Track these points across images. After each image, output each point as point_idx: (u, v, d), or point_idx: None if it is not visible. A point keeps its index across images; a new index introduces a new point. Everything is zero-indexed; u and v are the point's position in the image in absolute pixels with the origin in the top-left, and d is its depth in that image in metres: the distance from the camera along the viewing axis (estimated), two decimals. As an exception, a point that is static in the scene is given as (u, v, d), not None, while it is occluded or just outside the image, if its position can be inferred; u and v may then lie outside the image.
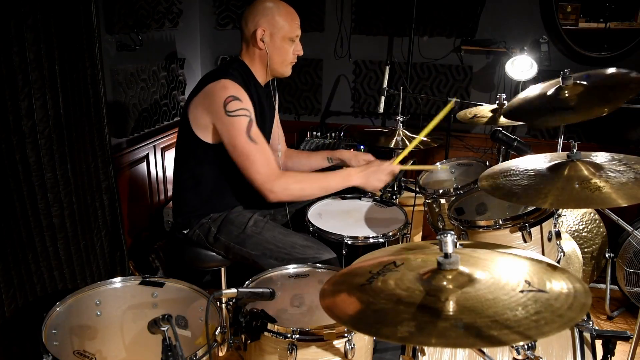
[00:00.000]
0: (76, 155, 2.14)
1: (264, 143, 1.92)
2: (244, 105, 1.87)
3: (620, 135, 3.08)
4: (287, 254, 1.90)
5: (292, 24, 1.97)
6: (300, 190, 1.95)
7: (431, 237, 2.84)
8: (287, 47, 1.98)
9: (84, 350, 1.53)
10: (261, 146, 1.89)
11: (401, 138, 2.52)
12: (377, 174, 2.01)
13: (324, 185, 1.98)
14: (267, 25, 1.93)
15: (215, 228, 2.01)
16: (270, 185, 1.88)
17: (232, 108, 1.85)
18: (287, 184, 1.90)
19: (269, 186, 1.88)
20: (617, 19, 2.96)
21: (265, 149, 1.91)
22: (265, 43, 1.94)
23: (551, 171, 1.48)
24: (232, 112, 1.85)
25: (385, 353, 2.03)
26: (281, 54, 1.98)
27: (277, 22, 1.93)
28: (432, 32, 3.24)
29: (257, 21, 1.93)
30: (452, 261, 1.02)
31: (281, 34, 1.95)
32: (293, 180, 1.93)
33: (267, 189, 1.88)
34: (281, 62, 2.00)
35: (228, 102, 1.84)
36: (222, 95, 1.85)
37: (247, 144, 1.86)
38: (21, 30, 1.80)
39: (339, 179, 2.00)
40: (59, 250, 2.06)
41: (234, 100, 1.85)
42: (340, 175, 2.01)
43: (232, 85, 1.88)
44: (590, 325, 1.40)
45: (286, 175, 1.93)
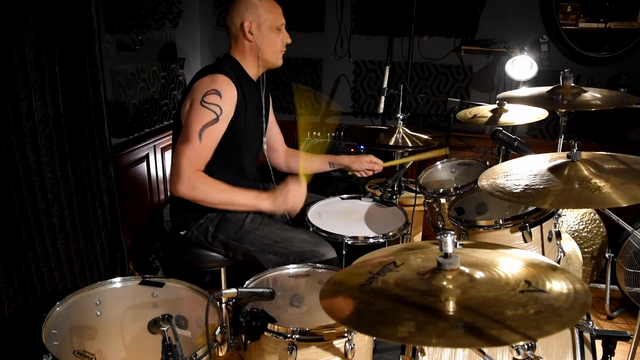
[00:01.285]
0: (76, 155, 2.14)
1: (208, 145, 1.89)
2: (221, 103, 1.89)
3: (620, 135, 3.08)
4: (285, 248, 1.90)
5: (275, 13, 2.01)
6: (204, 194, 1.88)
7: (431, 237, 2.84)
8: (274, 36, 2.02)
9: (84, 350, 1.53)
10: (203, 145, 1.87)
11: (401, 136, 2.52)
12: (284, 195, 1.93)
13: (230, 198, 1.92)
14: (252, 17, 1.97)
15: (213, 227, 2.02)
16: (180, 177, 1.84)
17: (208, 100, 1.87)
18: (195, 184, 1.86)
19: (177, 178, 1.84)
20: (617, 19, 2.96)
21: (204, 151, 1.88)
22: (254, 35, 1.99)
23: (551, 171, 1.48)
24: (205, 103, 1.87)
25: (385, 353, 2.03)
26: (270, 44, 2.02)
27: (261, 13, 1.98)
28: (432, 32, 3.24)
29: (242, 15, 1.97)
30: (452, 261, 1.02)
31: (267, 24, 1.99)
32: (202, 184, 1.87)
33: (175, 180, 1.85)
34: (272, 52, 2.04)
35: (209, 93, 1.87)
36: (207, 86, 1.89)
37: (193, 135, 1.85)
38: (21, 30, 1.80)
39: (248, 199, 1.93)
40: (59, 250, 2.06)
41: (215, 94, 1.88)
42: (250, 196, 1.94)
43: (224, 80, 1.91)
44: (590, 325, 1.40)
45: (198, 176, 1.88)
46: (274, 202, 1.93)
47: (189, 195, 1.87)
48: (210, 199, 1.90)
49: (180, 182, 1.85)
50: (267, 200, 1.94)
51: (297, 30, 3.38)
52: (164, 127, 3.06)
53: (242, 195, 1.93)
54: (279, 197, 1.93)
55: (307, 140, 3.28)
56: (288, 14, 2.06)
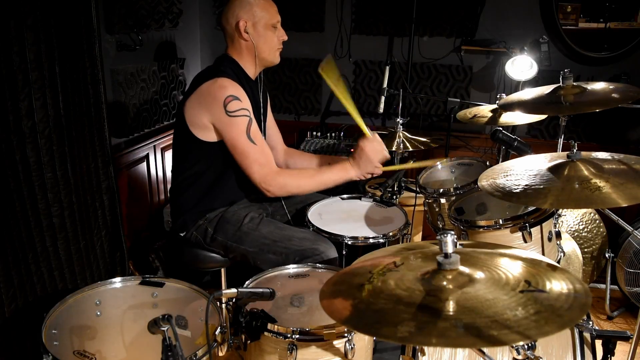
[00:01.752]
0: (76, 155, 2.14)
1: (262, 142, 1.98)
2: (243, 105, 1.92)
3: (620, 135, 3.08)
4: (285, 248, 1.90)
5: (270, 11, 2.03)
6: (298, 187, 2.00)
7: (431, 237, 2.84)
8: (270, 34, 2.03)
9: (84, 350, 1.53)
10: (260, 146, 1.95)
11: (401, 140, 2.52)
12: (365, 156, 2.02)
13: (321, 180, 2.03)
14: (247, 16, 1.98)
15: (212, 229, 2.02)
16: (267, 184, 1.95)
17: (232, 108, 1.88)
18: (285, 181, 1.96)
19: (266, 185, 1.95)
20: (617, 19, 2.96)
21: (264, 148, 1.97)
22: (250, 34, 1.99)
23: (551, 171, 1.48)
24: (232, 112, 1.89)
25: (385, 353, 2.03)
26: (267, 42, 2.03)
27: (256, 12, 1.99)
28: (432, 32, 3.24)
29: (237, 14, 1.99)
30: (452, 261, 1.02)
31: (262, 22, 2.00)
32: (290, 178, 1.99)
33: (265, 187, 1.95)
34: (268, 49, 2.05)
35: (228, 102, 1.88)
36: (221, 95, 1.89)
37: (247, 144, 1.92)
38: (21, 30, 1.80)
39: (336, 172, 2.04)
40: (59, 250, 2.06)
41: (234, 100, 1.89)
42: (337, 169, 2.04)
43: (230, 84, 1.92)
44: (590, 325, 1.40)
45: (283, 174, 2.00)
46: (359, 167, 2.03)
47: (285, 194, 2.00)
48: (303, 188, 2.01)
49: (270, 190, 1.95)
50: (353, 169, 2.04)
51: (297, 30, 3.37)
52: (164, 127, 3.06)
53: (330, 173, 2.03)
54: (362, 160, 2.02)
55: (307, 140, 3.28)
56: (288, 14, 2.07)
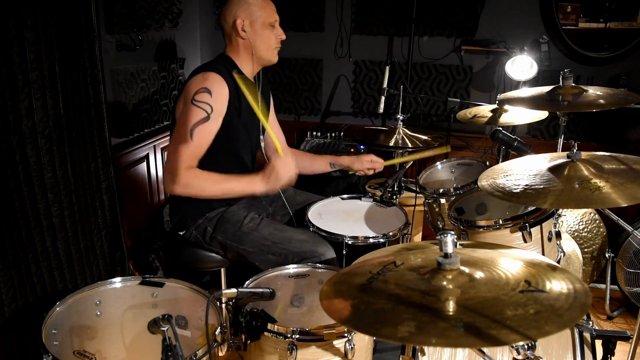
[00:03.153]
0: (76, 155, 2.13)
1: (200, 143, 1.90)
2: (211, 101, 1.89)
3: (620, 135, 3.08)
4: (284, 249, 1.90)
5: (268, 10, 2.02)
6: (200, 190, 1.90)
7: (431, 237, 2.84)
8: (268, 32, 2.02)
9: (84, 350, 1.53)
10: (194, 144, 1.87)
11: (401, 136, 2.52)
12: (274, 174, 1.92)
13: (225, 188, 1.93)
14: (244, 15, 1.98)
15: (212, 228, 2.02)
16: (172, 177, 1.86)
17: (199, 98, 1.88)
18: (187, 181, 1.86)
19: (170, 178, 1.86)
20: (617, 19, 2.96)
21: (196, 149, 1.89)
22: (247, 32, 1.99)
23: (551, 171, 1.48)
24: (196, 101, 1.88)
25: (385, 353, 2.03)
26: (264, 41, 2.02)
27: (253, 10, 1.98)
28: (432, 32, 3.24)
29: (235, 13, 1.98)
30: (452, 261, 1.02)
31: (260, 20, 1.99)
32: (195, 178, 1.89)
33: (168, 179, 1.87)
34: (266, 48, 2.04)
35: (199, 92, 1.88)
36: (198, 85, 1.89)
37: (184, 135, 1.86)
38: (21, 30, 1.80)
39: (243, 183, 1.94)
40: (59, 250, 2.06)
41: (205, 92, 1.89)
42: (245, 181, 1.94)
43: (215, 78, 1.91)
44: (590, 325, 1.40)
45: (191, 173, 1.89)
46: (267, 183, 1.92)
47: (184, 192, 1.88)
48: (206, 192, 1.91)
49: (173, 182, 1.86)
50: (260, 183, 1.93)
51: (297, 30, 3.37)
52: (164, 127, 3.06)
53: (236, 183, 1.93)
54: (271, 176, 1.91)
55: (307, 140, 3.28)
56: (288, 13, 2.06)
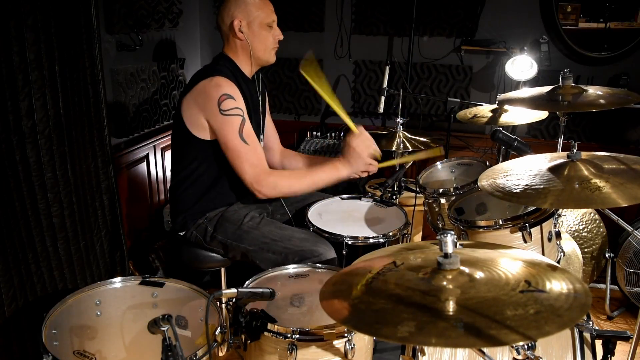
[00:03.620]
0: (76, 155, 2.13)
1: (255, 142, 1.96)
2: (237, 104, 1.91)
3: (620, 135, 3.08)
4: (285, 247, 1.90)
5: (266, 10, 2.01)
6: (288, 188, 1.98)
7: (431, 237, 2.84)
8: (265, 33, 2.02)
9: (84, 350, 1.53)
10: (252, 146, 1.93)
11: (401, 140, 2.51)
12: (354, 154, 2.01)
13: (313, 180, 2.00)
14: (242, 15, 1.98)
15: (212, 227, 2.02)
16: (258, 185, 1.93)
17: (226, 107, 1.89)
18: (275, 183, 1.95)
19: (257, 186, 1.93)
20: (617, 19, 2.96)
21: (256, 148, 1.96)
22: (244, 33, 1.99)
23: (551, 171, 1.48)
24: (225, 111, 1.89)
25: (385, 353, 2.03)
26: (262, 41, 2.03)
27: (251, 10, 1.98)
28: (432, 32, 3.24)
29: (232, 13, 1.98)
30: (452, 261, 1.02)
31: (257, 21, 1.99)
32: (281, 179, 1.97)
33: (256, 188, 1.93)
34: (263, 49, 2.04)
35: (222, 101, 1.88)
36: (216, 94, 1.89)
37: (239, 144, 1.90)
38: (21, 30, 1.80)
39: (328, 172, 2.01)
40: (59, 250, 2.06)
41: (228, 98, 1.89)
42: (328, 169, 2.02)
43: (226, 82, 1.92)
44: (590, 325, 1.40)
45: (274, 174, 1.98)
46: (350, 165, 2.00)
47: (276, 194, 1.97)
48: (295, 189, 1.99)
49: (262, 191, 1.93)
50: (344, 167, 2.01)
51: (297, 30, 3.37)
52: (164, 127, 3.06)
53: (321, 173, 2.00)
54: (352, 157, 2.00)
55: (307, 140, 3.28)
56: (288, 14, 2.06)
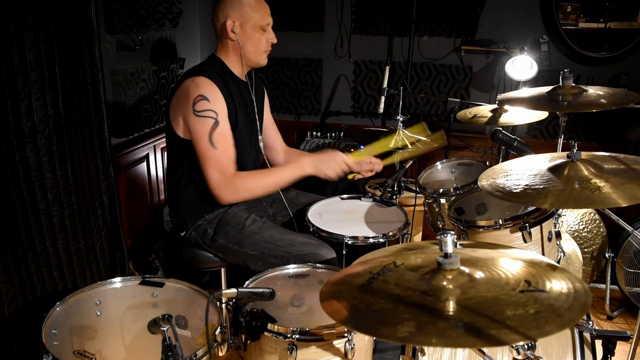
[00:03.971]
0: (76, 155, 2.13)
1: (225, 147, 1.92)
2: (212, 106, 1.89)
3: (620, 135, 3.08)
4: (287, 252, 1.90)
5: (261, 12, 1.99)
6: (249, 191, 1.95)
7: (431, 237, 2.84)
8: (258, 35, 2.00)
9: (84, 350, 1.53)
10: (220, 150, 1.90)
11: (401, 138, 2.51)
12: (328, 163, 2.01)
13: (275, 179, 1.99)
14: (236, 15, 1.96)
15: (212, 230, 2.01)
16: (220, 190, 1.91)
17: (199, 108, 1.87)
18: (236, 187, 1.92)
19: (218, 191, 1.91)
20: (617, 19, 2.96)
21: (225, 153, 1.91)
22: (237, 34, 1.97)
23: (551, 171, 1.48)
24: (199, 112, 1.87)
25: (385, 353, 2.03)
26: (254, 43, 2.00)
27: (245, 11, 1.96)
28: (432, 32, 3.24)
29: (226, 13, 1.96)
30: (452, 261, 1.02)
31: (251, 23, 1.97)
32: (242, 183, 1.93)
33: (217, 193, 1.92)
34: (254, 51, 2.02)
35: (197, 101, 1.87)
36: (193, 93, 1.88)
37: (206, 148, 1.88)
38: (21, 30, 1.80)
39: (292, 170, 2.01)
40: (59, 250, 2.06)
41: (203, 100, 1.87)
42: (293, 166, 2.02)
43: (205, 82, 1.90)
44: (590, 325, 1.40)
45: (235, 179, 1.92)
46: (317, 165, 2.00)
47: (237, 199, 1.95)
48: (258, 191, 1.97)
49: (222, 195, 1.91)
50: (309, 165, 2.01)
51: (297, 30, 3.37)
52: (164, 127, 3.05)
53: (285, 171, 2.00)
54: (322, 159, 2.00)
55: (308, 140, 3.28)
56: (288, 14, 2.05)
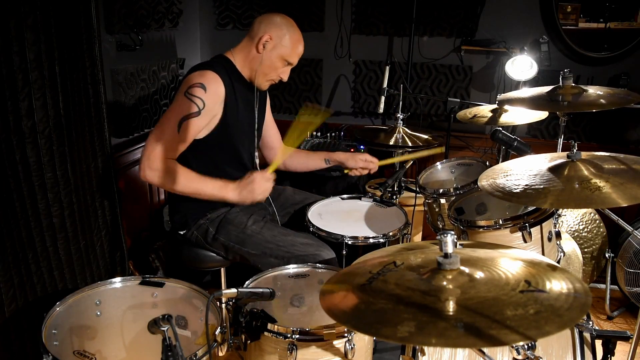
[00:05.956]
0: (76, 155, 2.14)
1: (185, 137, 1.88)
2: (204, 97, 1.87)
3: (620, 135, 3.08)
4: (288, 252, 1.90)
5: (294, 49, 2.00)
6: (172, 182, 1.88)
7: (431, 237, 2.84)
8: (278, 64, 2.01)
9: (84, 350, 1.53)
10: (179, 137, 1.86)
11: (401, 135, 2.52)
12: (249, 187, 1.93)
13: (197, 188, 1.92)
14: (275, 36, 1.96)
15: (214, 229, 2.02)
16: (150, 162, 1.83)
17: (192, 92, 1.86)
18: (165, 171, 1.85)
19: (148, 162, 1.84)
20: (617, 19, 2.96)
21: (179, 141, 1.88)
22: (265, 50, 1.97)
23: (551, 171, 1.48)
24: (189, 94, 1.86)
25: (385, 353, 2.03)
26: (269, 67, 2.00)
27: (284, 40, 1.97)
28: (432, 32, 3.24)
29: (270, 29, 1.96)
30: (452, 261, 1.02)
31: (281, 51, 1.98)
32: (172, 171, 1.87)
33: (147, 164, 1.84)
34: (265, 74, 2.02)
35: (194, 86, 1.87)
36: (194, 80, 1.88)
37: (171, 125, 1.85)
38: (21, 30, 1.80)
39: (215, 189, 1.94)
40: (59, 250, 2.06)
41: (200, 87, 1.87)
42: (217, 186, 1.94)
43: (211, 76, 1.90)
44: (590, 325, 1.40)
45: (170, 163, 1.87)
46: (239, 194, 1.93)
47: (157, 181, 1.87)
48: (178, 187, 1.89)
49: (150, 168, 1.84)
50: (233, 192, 1.94)
51: (297, 30, 3.37)
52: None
53: (210, 186, 1.93)
54: (245, 188, 1.93)
55: (306, 139, 3.28)
56: (288, 14, 2.04)
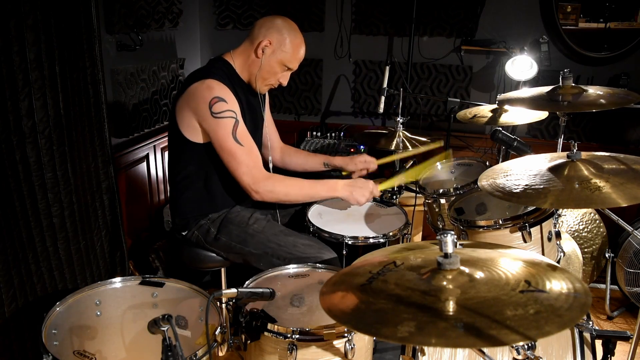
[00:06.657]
0: (76, 155, 2.14)
1: (250, 144, 1.94)
2: (229, 106, 1.89)
3: (620, 135, 3.08)
4: (289, 253, 1.90)
5: (295, 55, 1.99)
6: (285, 195, 1.97)
7: (431, 237, 2.84)
8: (277, 69, 2.00)
9: (84, 350, 1.53)
10: (247, 147, 1.92)
11: (401, 139, 2.51)
12: (362, 190, 2.01)
13: (310, 193, 2.00)
14: (275, 41, 1.95)
15: (215, 229, 2.02)
16: (256, 186, 1.92)
17: (217, 110, 1.87)
18: (273, 187, 1.94)
19: (255, 187, 1.92)
20: (617, 19, 2.96)
21: (252, 150, 1.94)
22: (264, 55, 1.96)
23: (551, 171, 1.48)
24: (217, 114, 1.87)
25: (385, 353, 2.03)
26: (269, 72, 2.00)
27: (285, 44, 1.96)
28: (432, 32, 3.24)
29: (270, 33, 1.95)
30: (452, 261, 1.02)
31: (281, 56, 1.97)
32: (279, 184, 1.96)
33: (253, 189, 1.92)
34: (264, 78, 2.02)
35: (213, 104, 1.87)
36: (207, 96, 1.87)
37: (234, 146, 1.89)
38: (21, 30, 1.80)
39: (326, 189, 2.02)
40: (59, 250, 2.06)
41: (220, 101, 1.87)
42: (328, 185, 2.02)
43: (218, 85, 1.90)
44: (590, 325, 1.40)
45: (272, 178, 1.97)
46: (350, 191, 2.01)
47: (272, 199, 1.95)
48: (292, 197, 1.98)
49: (259, 193, 1.92)
50: (343, 188, 2.02)
51: (297, 30, 3.37)
52: (164, 127, 3.05)
53: (320, 188, 2.01)
54: (356, 186, 2.02)
55: (307, 140, 3.28)
56: (288, 14, 2.05)
